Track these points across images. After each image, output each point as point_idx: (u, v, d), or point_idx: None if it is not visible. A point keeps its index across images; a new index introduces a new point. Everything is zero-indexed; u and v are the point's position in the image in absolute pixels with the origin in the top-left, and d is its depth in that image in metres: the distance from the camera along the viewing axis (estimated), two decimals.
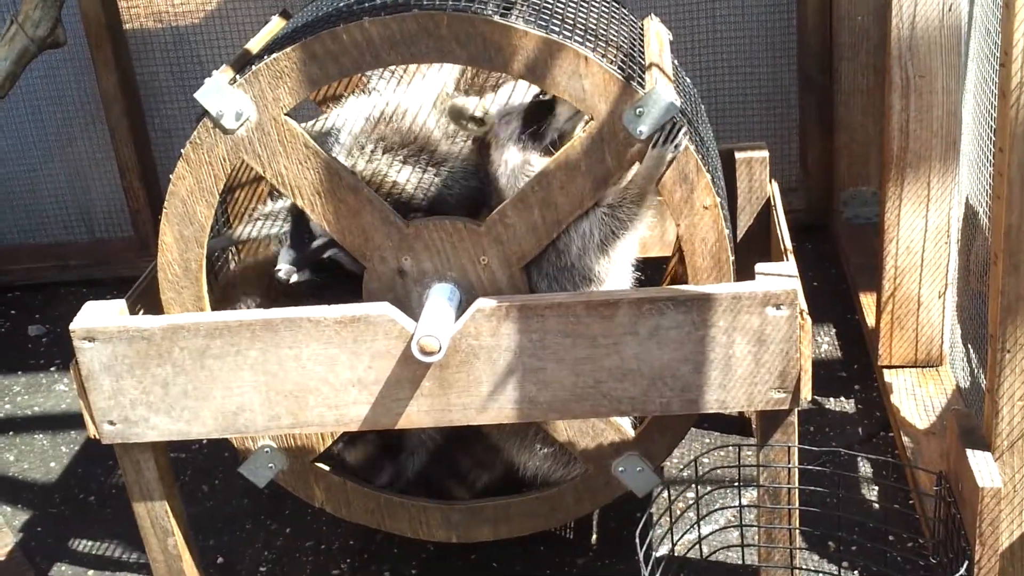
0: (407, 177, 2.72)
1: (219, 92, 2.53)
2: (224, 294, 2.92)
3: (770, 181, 3.15)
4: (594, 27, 2.65)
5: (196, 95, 2.52)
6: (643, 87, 2.48)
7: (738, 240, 3.13)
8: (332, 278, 2.85)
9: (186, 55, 4.69)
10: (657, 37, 2.85)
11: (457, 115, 2.62)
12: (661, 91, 2.45)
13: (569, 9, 2.64)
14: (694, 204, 2.56)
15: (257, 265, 3.01)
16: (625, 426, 2.79)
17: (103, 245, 4.98)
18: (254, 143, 2.57)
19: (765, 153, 3.12)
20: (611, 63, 2.49)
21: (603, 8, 2.82)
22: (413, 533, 2.92)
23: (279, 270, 2.77)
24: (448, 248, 2.62)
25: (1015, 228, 2.30)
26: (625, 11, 2.97)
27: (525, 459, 2.93)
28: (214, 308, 2.73)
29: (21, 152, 4.88)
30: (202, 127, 2.56)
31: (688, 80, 3.10)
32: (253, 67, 2.53)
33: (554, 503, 2.87)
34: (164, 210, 2.61)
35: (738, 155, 3.12)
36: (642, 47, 2.77)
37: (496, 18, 2.43)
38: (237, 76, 2.56)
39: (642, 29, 2.93)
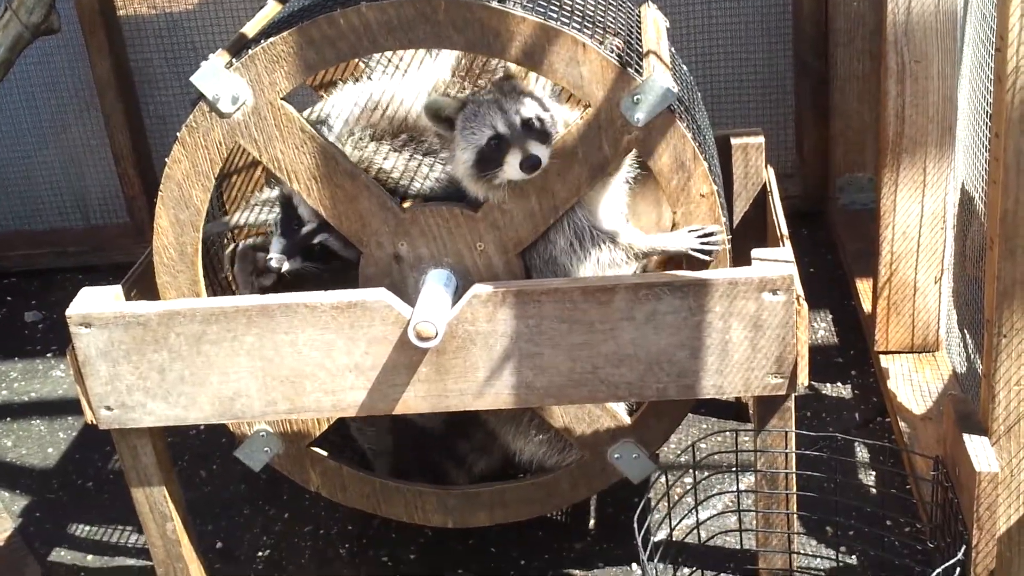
0: (395, 165, 2.72)
1: (215, 76, 2.52)
2: None
3: (766, 167, 3.15)
4: (592, 14, 2.64)
5: (192, 78, 2.52)
6: (641, 74, 2.48)
7: (734, 226, 3.13)
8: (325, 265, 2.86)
9: (180, 41, 4.68)
10: (654, 24, 2.84)
11: (434, 113, 2.62)
12: (658, 79, 2.44)
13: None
14: (691, 192, 2.56)
15: None
16: (621, 413, 2.79)
17: (98, 231, 4.98)
18: (250, 127, 2.57)
19: (761, 139, 3.12)
20: (609, 51, 2.49)
21: None
22: (409, 518, 2.92)
23: (270, 259, 2.77)
24: (444, 234, 2.62)
25: (1011, 213, 2.30)
26: None
27: (521, 445, 2.94)
28: None
29: (15, 139, 4.87)
30: (198, 111, 2.55)
31: (684, 67, 3.10)
32: (249, 51, 2.53)
33: (550, 489, 2.88)
34: (160, 194, 2.61)
35: (734, 141, 3.11)
36: (639, 34, 2.77)
37: (494, 4, 2.43)
38: (233, 60, 2.55)
39: (639, 16, 2.92)
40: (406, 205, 2.65)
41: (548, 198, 2.57)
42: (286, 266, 2.77)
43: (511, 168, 2.52)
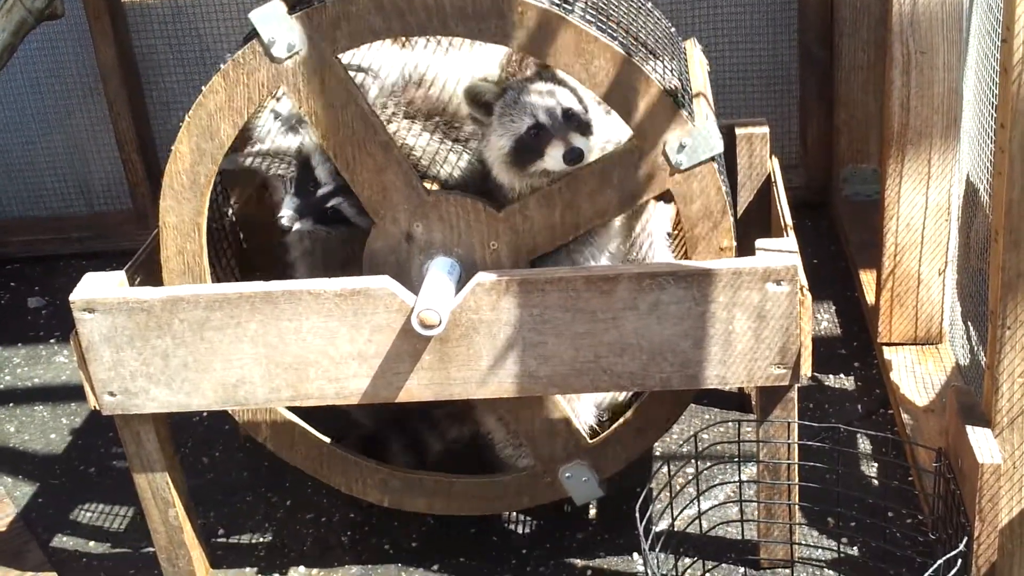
0: (422, 145, 2.70)
1: (276, 19, 2.48)
2: None
3: (770, 157, 3.14)
4: (653, 47, 2.64)
5: (251, 16, 2.47)
6: (692, 119, 2.49)
7: (738, 216, 3.13)
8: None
9: (184, 28, 4.67)
10: (701, 66, 2.87)
11: (472, 97, 2.61)
12: (709, 130, 2.47)
13: (634, 25, 2.63)
14: (711, 243, 2.57)
15: None
16: (582, 433, 2.81)
17: (102, 218, 4.98)
18: (298, 77, 2.53)
19: (766, 129, 3.12)
20: (668, 89, 2.49)
21: (660, 28, 2.82)
22: (347, 489, 2.93)
23: (282, 217, 2.75)
24: (462, 225, 2.62)
25: (1016, 204, 2.30)
26: (673, 29, 2.96)
27: (485, 419, 2.96)
28: None
29: (20, 124, 4.87)
30: (249, 49, 2.51)
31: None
32: (316, 3, 2.48)
33: (497, 490, 2.91)
34: (187, 120, 2.57)
35: (739, 131, 3.11)
36: (687, 73, 2.77)
37: (570, 18, 2.42)
38: (297, 6, 2.50)
39: (686, 54, 2.92)
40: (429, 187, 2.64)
41: (573, 214, 2.57)
42: (297, 226, 2.76)
43: (552, 159, 2.51)
